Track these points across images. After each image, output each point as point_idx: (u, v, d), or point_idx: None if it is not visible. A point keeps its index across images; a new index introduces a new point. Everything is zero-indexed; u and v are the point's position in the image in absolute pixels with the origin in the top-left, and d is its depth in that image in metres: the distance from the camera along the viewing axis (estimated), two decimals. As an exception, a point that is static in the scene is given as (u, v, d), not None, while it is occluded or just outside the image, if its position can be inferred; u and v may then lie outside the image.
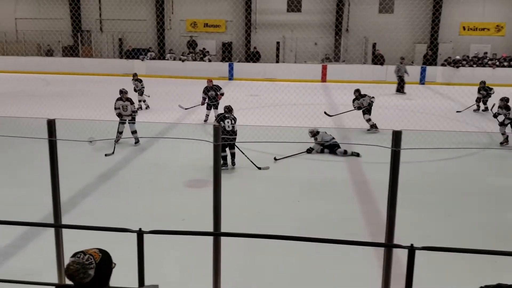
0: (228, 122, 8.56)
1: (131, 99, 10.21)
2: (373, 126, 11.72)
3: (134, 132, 9.93)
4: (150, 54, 24.54)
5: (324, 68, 22.77)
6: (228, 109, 8.92)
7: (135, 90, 14.26)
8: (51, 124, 3.53)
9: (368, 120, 11.80)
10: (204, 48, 24.72)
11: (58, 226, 3.51)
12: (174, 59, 24.22)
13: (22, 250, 5.45)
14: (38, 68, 23.18)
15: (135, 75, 15.04)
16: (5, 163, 8.82)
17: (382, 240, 3.27)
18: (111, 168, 8.67)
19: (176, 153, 9.61)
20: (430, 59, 22.98)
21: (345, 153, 9.53)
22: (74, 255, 2.30)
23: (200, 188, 7.64)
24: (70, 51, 25.13)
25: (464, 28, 24.40)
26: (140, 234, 3.03)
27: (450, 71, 22.08)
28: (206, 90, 12.61)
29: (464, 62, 22.55)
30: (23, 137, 4.67)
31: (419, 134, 9.90)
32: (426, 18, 23.62)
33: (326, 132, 9.92)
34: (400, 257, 3.57)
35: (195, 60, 24.07)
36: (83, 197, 7.20)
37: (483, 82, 15.06)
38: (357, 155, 9.45)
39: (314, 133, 9.71)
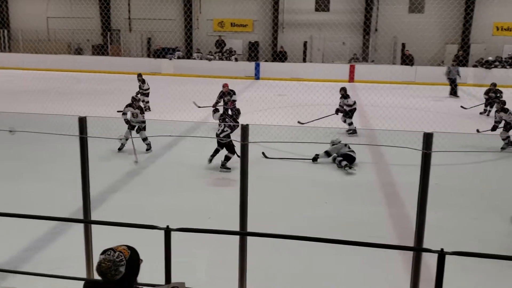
0: (228, 120, 8.97)
1: (142, 107, 9.92)
2: (354, 131, 11.46)
3: (145, 139, 9.57)
4: (177, 54, 24.78)
5: (352, 68, 22.55)
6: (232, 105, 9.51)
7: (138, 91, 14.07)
8: (82, 122, 3.59)
9: (350, 124, 11.55)
10: (231, 48, 24.82)
11: (87, 222, 3.57)
12: (201, 59, 24.40)
13: (52, 244, 5.57)
14: (68, 66, 23.69)
15: (139, 75, 14.64)
16: (37, 159, 9.04)
17: (409, 243, 3.20)
18: (138, 165, 8.79)
19: (201, 152, 9.66)
20: (462, 60, 22.49)
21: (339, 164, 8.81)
22: (104, 252, 2.33)
23: (224, 187, 7.66)
24: (99, 50, 25.60)
25: (497, 29, 23.78)
26: (167, 231, 3.05)
27: (482, 72, 21.51)
28: (221, 95, 11.88)
29: (497, 63, 21.97)
30: (55, 134, 4.75)
31: (451, 136, 9.69)
32: (458, 18, 23.14)
33: (346, 146, 9.10)
34: (427, 261, 3.50)
35: (221, 59, 24.20)
36: (111, 193, 7.31)
37: (493, 84, 14.38)
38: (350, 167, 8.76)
39: (334, 143, 9.14)
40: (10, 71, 23.48)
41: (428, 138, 3.06)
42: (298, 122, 11.83)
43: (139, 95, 13.61)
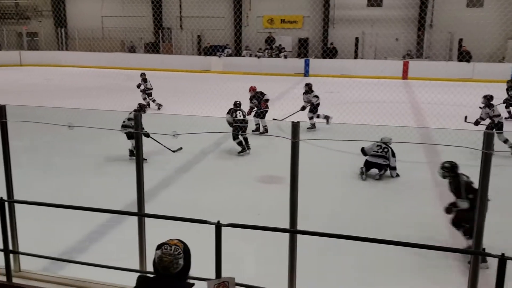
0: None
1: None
2: (313, 126, 11.64)
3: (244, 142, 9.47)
4: (227, 51, 25.00)
5: (406, 65, 21.93)
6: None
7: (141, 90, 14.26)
8: (137, 118, 3.67)
9: (311, 118, 11.67)
10: (280, 45, 24.77)
11: (141, 215, 3.65)
12: (250, 56, 24.49)
13: (107, 236, 5.76)
14: (121, 63, 24.45)
15: (142, 74, 14.71)
16: (91, 153, 9.38)
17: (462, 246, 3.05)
18: (189, 161, 8.94)
19: (256, 148, 9.68)
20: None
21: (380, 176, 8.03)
22: (160, 247, 2.38)
23: (273, 184, 7.65)
24: (152, 48, 26.23)
25: None
26: (218, 226, 3.06)
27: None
28: (250, 98, 11.53)
29: None
30: (110, 129, 4.90)
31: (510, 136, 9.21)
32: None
33: (381, 148, 8.07)
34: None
35: (271, 56, 24.19)
36: (162, 188, 7.47)
37: (510, 81, 12.83)
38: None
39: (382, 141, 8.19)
40: (67, 68, 24.50)
41: (488, 138, 2.91)
42: (274, 119, 11.28)
43: (148, 96, 14.13)
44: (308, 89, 11.95)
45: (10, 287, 3.29)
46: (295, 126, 3.28)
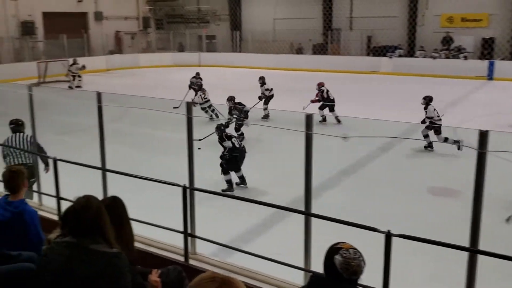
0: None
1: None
2: (267, 116, 12.75)
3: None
4: (398, 51, 23.96)
5: None
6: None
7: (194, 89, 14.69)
8: (309, 118, 3.68)
9: (265, 109, 12.71)
10: (460, 45, 22.79)
11: (308, 214, 3.66)
12: (424, 57, 23.09)
13: (270, 230, 5.96)
14: (290, 65, 25.18)
15: (197, 74, 15.73)
16: (263, 149, 9.84)
17: None
18: (353, 164, 8.77)
19: (420, 157, 9.10)
20: None
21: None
22: (337, 251, 2.35)
23: (447, 197, 7.05)
24: (320, 49, 26.47)
25: None
26: (388, 236, 2.90)
27: None
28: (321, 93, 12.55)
29: None
30: (284, 129, 5.03)
31: None
32: None
33: None
34: None
35: (448, 57, 22.45)
36: (324, 189, 7.46)
37: None
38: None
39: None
40: (240, 69, 26.16)
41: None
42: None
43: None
44: (262, 81, 13.37)
45: (187, 267, 3.59)
46: (483, 135, 2.93)
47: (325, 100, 12.27)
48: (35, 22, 25.28)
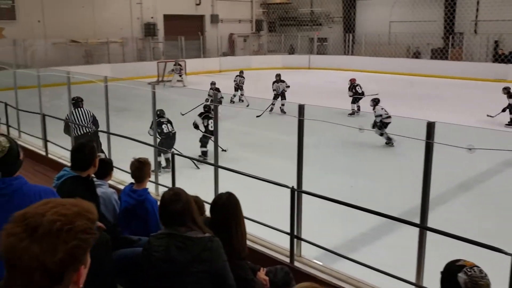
0: (210, 122, 9.25)
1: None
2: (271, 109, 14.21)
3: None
4: (529, 58, 21.79)
5: None
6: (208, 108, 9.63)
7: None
8: (430, 127, 3.47)
9: (282, 105, 13.95)
10: None
11: (423, 227, 3.45)
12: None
13: (378, 240, 5.73)
14: (405, 69, 24.14)
15: (241, 72, 17.06)
16: (374, 157, 9.54)
17: None
18: (472, 177, 8.13)
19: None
20: None
21: None
22: (460, 269, 2.18)
23: None
24: (439, 54, 25.02)
25: None
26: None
27: None
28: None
29: None
30: (401, 136, 4.82)
31: None
32: None
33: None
34: None
35: None
36: (439, 203, 6.99)
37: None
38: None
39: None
40: (350, 72, 25.61)
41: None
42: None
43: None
44: (279, 79, 14.92)
45: (291, 269, 3.58)
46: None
47: (356, 95, 14.34)
48: (157, 24, 27.17)
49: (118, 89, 7.86)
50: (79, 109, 7.98)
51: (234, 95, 16.72)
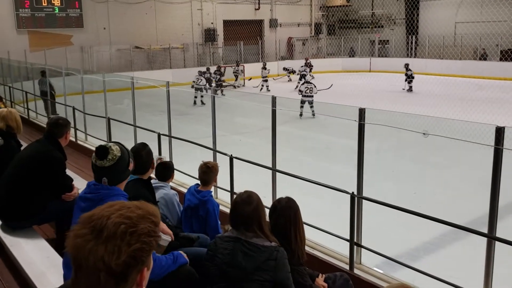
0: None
1: None
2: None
3: None
4: None
5: None
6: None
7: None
8: (499, 132, 3.31)
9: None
10: None
11: (492, 237, 3.28)
12: None
13: (442, 249, 5.50)
14: (471, 72, 23.07)
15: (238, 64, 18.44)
16: (437, 162, 9.19)
17: None
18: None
19: None
20: None
21: None
22: None
23: None
24: (509, 55, 23.68)
25: None
26: None
27: None
28: None
29: None
30: (468, 141, 4.61)
31: None
32: None
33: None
34: None
35: None
36: (508, 212, 6.61)
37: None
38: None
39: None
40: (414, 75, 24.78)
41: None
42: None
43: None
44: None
45: (352, 276, 3.51)
46: None
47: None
48: (217, 29, 27.69)
49: (180, 94, 8.07)
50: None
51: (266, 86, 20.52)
